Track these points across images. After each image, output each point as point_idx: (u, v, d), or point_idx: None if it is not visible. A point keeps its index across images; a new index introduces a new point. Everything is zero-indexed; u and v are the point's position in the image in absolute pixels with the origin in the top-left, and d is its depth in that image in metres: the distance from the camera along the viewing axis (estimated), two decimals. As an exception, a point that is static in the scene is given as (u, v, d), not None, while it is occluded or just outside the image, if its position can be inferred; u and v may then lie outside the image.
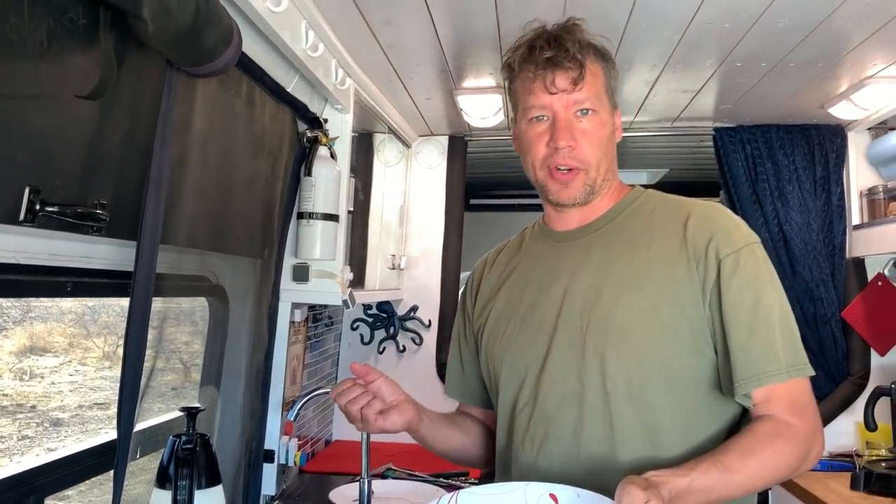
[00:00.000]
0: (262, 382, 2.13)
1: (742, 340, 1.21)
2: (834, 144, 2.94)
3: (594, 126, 1.31)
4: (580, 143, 1.29)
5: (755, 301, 1.22)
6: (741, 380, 1.20)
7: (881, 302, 2.92)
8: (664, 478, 1.04)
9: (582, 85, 1.28)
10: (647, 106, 2.75)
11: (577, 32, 1.31)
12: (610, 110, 1.35)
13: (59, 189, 1.09)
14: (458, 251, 3.33)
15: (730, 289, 1.22)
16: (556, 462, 1.28)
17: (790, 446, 1.17)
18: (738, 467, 1.11)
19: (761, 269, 1.25)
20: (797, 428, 1.18)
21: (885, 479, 2.43)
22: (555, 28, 1.32)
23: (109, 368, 3.53)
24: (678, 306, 1.24)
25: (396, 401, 1.34)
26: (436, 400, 1.67)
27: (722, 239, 1.25)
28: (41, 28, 1.00)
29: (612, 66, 1.38)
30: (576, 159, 1.30)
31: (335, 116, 2.27)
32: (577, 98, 1.29)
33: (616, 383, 1.25)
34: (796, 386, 1.22)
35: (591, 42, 1.33)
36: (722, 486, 1.10)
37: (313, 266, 2.20)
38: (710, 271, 1.24)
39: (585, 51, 1.30)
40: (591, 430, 1.26)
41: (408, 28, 1.99)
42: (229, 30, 1.32)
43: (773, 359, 1.20)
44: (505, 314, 1.42)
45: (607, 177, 1.35)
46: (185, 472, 1.35)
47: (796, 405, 1.20)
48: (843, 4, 1.75)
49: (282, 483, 2.33)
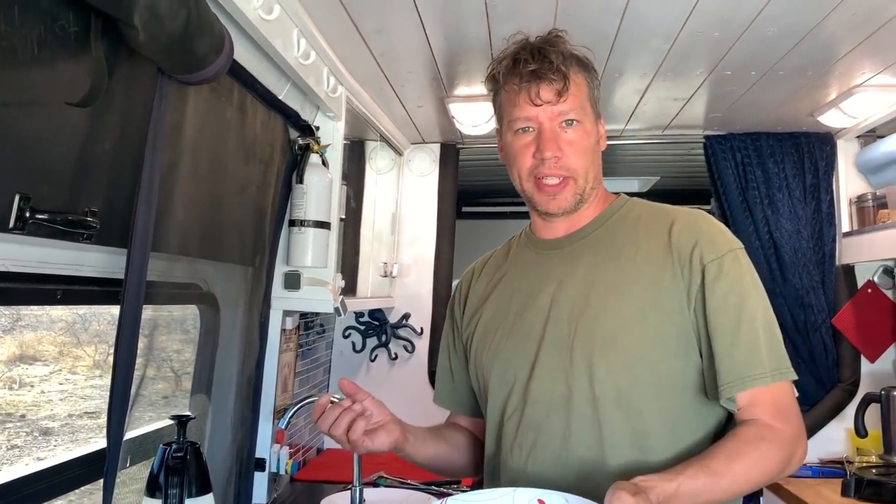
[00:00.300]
0: (253, 390, 2.12)
1: (727, 344, 1.22)
2: (823, 152, 2.96)
3: (579, 136, 1.33)
4: (566, 152, 1.31)
5: (739, 305, 1.24)
6: (726, 383, 1.21)
7: (871, 309, 2.93)
8: (652, 482, 1.05)
9: (566, 96, 1.30)
10: (637, 114, 2.77)
11: (561, 44, 1.33)
12: (594, 119, 1.37)
13: (49, 196, 1.09)
14: (450, 259, 3.33)
15: (714, 293, 1.24)
16: (544, 468, 1.29)
17: (775, 450, 1.19)
18: (724, 471, 1.13)
19: (744, 275, 1.27)
20: (781, 431, 1.20)
21: (876, 485, 2.44)
22: (538, 40, 1.34)
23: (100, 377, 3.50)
24: (664, 311, 1.26)
25: (383, 421, 1.34)
26: (428, 407, 1.67)
27: (706, 245, 1.27)
28: (32, 35, 1.00)
29: (595, 76, 1.40)
30: (562, 169, 1.32)
31: (327, 124, 2.27)
32: (562, 109, 1.31)
33: (604, 388, 1.26)
34: (780, 390, 1.23)
35: (574, 53, 1.35)
36: (709, 489, 1.11)
37: (305, 274, 2.19)
38: (695, 276, 1.26)
39: (569, 62, 1.32)
40: (579, 435, 1.27)
41: (399, 36, 1.99)
42: (221, 37, 1.32)
43: (758, 362, 1.21)
44: (493, 323, 1.43)
45: (594, 185, 1.37)
46: (176, 481, 1.35)
47: (780, 409, 1.22)
48: (831, 13, 1.76)
49: (273, 491, 2.32)
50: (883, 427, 2.62)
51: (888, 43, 1.95)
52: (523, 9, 1.79)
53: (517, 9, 1.79)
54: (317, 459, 3.01)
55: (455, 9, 1.81)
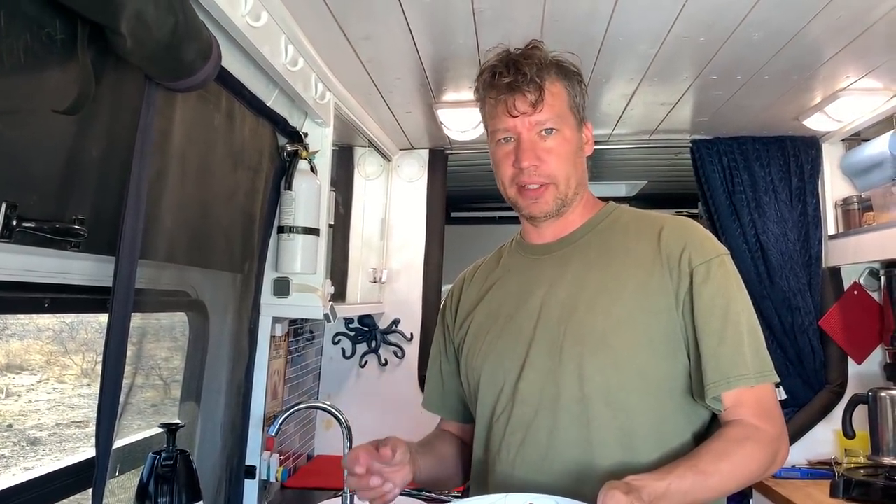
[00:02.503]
0: (242, 398, 2.11)
1: (713, 345, 1.26)
2: (809, 156, 2.98)
3: (558, 143, 1.35)
4: (545, 160, 1.35)
5: (725, 308, 1.27)
6: (711, 383, 1.24)
7: (857, 311, 2.95)
8: (644, 482, 1.06)
9: (541, 106, 1.33)
10: (624, 119, 2.78)
11: (538, 55, 1.35)
12: (575, 126, 1.39)
13: (36, 204, 1.09)
14: (440, 264, 3.33)
15: (701, 296, 1.28)
16: (531, 466, 1.31)
17: (759, 449, 1.22)
18: (712, 470, 1.15)
19: (730, 279, 1.31)
20: (765, 431, 1.23)
21: (864, 486, 2.45)
22: (515, 52, 1.37)
23: (88, 386, 3.48)
24: (653, 313, 1.29)
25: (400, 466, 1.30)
26: (417, 413, 1.67)
27: (694, 249, 1.31)
28: (18, 43, 0.99)
29: (578, 82, 1.41)
30: (542, 176, 1.35)
31: (315, 130, 2.27)
32: (538, 119, 1.34)
33: (594, 387, 1.28)
34: (763, 391, 1.27)
35: (555, 61, 1.37)
36: (698, 488, 1.13)
37: (294, 280, 2.19)
38: (683, 279, 1.29)
39: (546, 71, 1.34)
40: (566, 433, 1.29)
41: (387, 42, 1.99)
42: (208, 44, 1.32)
43: (742, 363, 1.25)
44: (484, 326, 1.45)
45: (577, 190, 1.40)
46: (166, 489, 1.35)
47: (764, 409, 1.25)
48: (816, 18, 1.78)
49: (264, 499, 2.31)
50: (870, 428, 2.63)
51: (872, 47, 1.97)
52: (510, 15, 1.80)
53: (504, 15, 1.80)
54: (307, 466, 3.00)
55: (442, 15, 1.81)
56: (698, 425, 1.33)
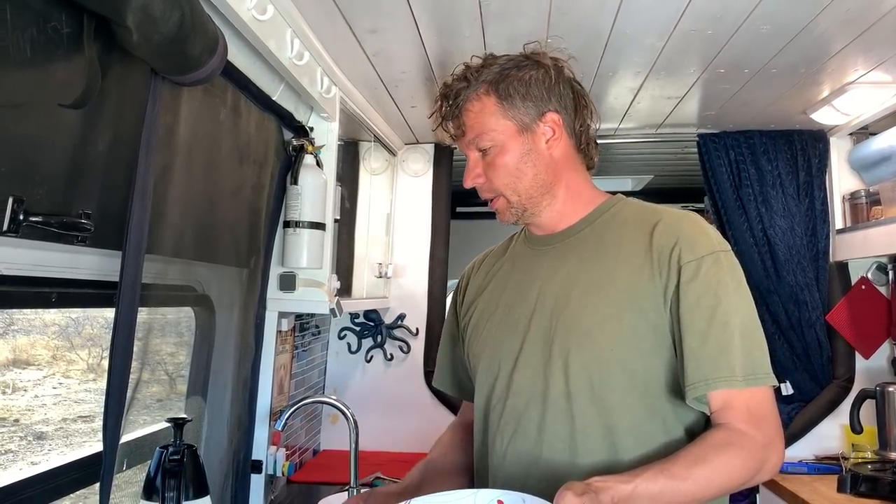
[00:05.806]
0: (248, 393, 2.11)
1: (695, 345, 1.23)
2: (816, 149, 2.97)
3: (495, 157, 1.37)
4: (488, 176, 1.38)
5: (713, 308, 1.23)
6: (690, 384, 1.22)
7: (865, 305, 2.94)
8: (607, 484, 1.06)
9: (464, 129, 1.38)
10: (631, 113, 2.77)
11: (464, 75, 1.38)
12: (517, 130, 1.36)
13: (43, 199, 1.08)
14: (445, 259, 3.33)
15: (688, 294, 1.25)
16: (521, 458, 1.32)
17: (743, 455, 1.18)
18: (685, 475, 1.13)
19: (724, 278, 1.26)
20: (752, 437, 1.19)
21: (872, 481, 2.45)
22: (448, 79, 1.41)
23: (94, 381, 3.49)
24: (641, 310, 1.28)
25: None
26: (423, 407, 1.67)
27: (685, 246, 1.28)
28: (24, 36, 0.99)
29: (520, 82, 1.35)
30: (490, 191, 1.40)
31: (321, 125, 2.26)
32: (468, 140, 1.39)
33: (578, 383, 1.28)
34: (755, 395, 1.22)
35: (483, 77, 1.36)
36: (668, 493, 1.11)
37: (300, 275, 2.19)
38: (672, 277, 1.27)
39: (468, 93, 1.36)
40: (553, 428, 1.29)
41: (393, 36, 1.99)
42: (214, 38, 1.32)
43: (725, 365, 1.21)
44: (485, 314, 1.47)
45: (535, 193, 1.38)
46: (173, 484, 1.35)
47: (753, 414, 1.21)
48: (824, 10, 1.77)
49: (270, 494, 2.31)
50: (878, 423, 2.62)
51: (881, 39, 1.96)
52: (517, 8, 1.79)
53: (511, 8, 1.79)
54: (314, 461, 3.01)
55: (449, 8, 1.80)
56: (686, 427, 1.30)
